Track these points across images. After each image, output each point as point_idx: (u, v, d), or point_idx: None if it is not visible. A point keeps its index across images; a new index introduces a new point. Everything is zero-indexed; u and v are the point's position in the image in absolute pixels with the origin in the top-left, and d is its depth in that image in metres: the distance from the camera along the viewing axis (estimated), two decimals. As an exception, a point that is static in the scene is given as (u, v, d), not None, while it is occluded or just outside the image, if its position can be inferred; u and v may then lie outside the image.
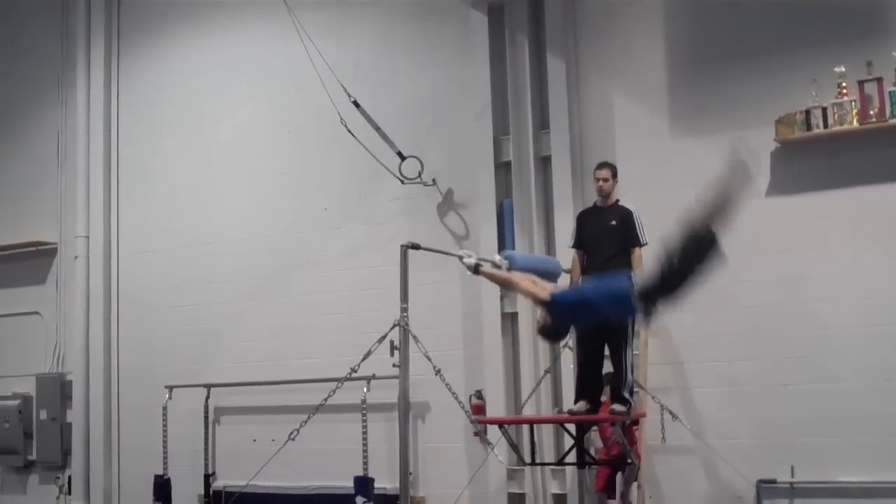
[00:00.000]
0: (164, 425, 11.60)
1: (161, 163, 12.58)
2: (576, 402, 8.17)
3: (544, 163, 10.01)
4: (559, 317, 6.72)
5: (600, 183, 8.40)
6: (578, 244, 8.50)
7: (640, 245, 8.17)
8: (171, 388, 11.66)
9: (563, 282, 8.27)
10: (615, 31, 9.90)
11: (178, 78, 12.56)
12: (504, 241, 9.93)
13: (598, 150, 9.71)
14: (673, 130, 9.53)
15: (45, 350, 13.13)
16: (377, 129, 10.18)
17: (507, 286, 7.59)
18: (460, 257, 7.36)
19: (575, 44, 10.01)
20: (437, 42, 10.82)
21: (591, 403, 8.09)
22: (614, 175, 8.44)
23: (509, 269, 7.46)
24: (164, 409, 11.62)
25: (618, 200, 8.42)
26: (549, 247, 9.82)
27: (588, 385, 8.16)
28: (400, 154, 10.37)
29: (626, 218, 8.24)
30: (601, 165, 8.54)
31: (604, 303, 6.63)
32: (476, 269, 7.23)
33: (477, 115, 10.22)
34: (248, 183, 11.87)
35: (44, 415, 12.93)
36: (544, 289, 6.78)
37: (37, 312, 13.28)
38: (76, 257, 12.73)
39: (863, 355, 8.55)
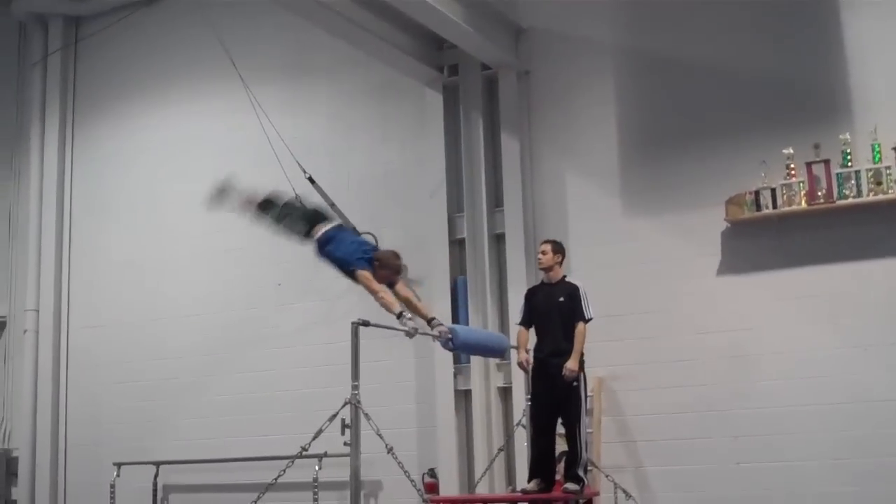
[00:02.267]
0: (112, 503, 11.38)
1: (113, 237, 12.51)
2: (529, 480, 8.12)
3: (498, 240, 10.08)
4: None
5: (539, 256, 8.41)
6: (527, 322, 8.46)
7: (585, 320, 8.13)
8: (119, 465, 11.45)
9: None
10: (568, 112, 10.05)
11: (133, 152, 12.54)
12: (458, 318, 9.95)
13: (551, 228, 9.79)
14: (625, 209, 9.64)
15: (-9, 426, 12.92)
16: (332, 205, 10.20)
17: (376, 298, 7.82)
18: (397, 316, 7.51)
19: (528, 123, 10.15)
20: (392, 120, 10.92)
21: (544, 482, 8.05)
22: (555, 250, 8.36)
23: (450, 344, 7.84)
24: (112, 486, 11.39)
25: (565, 277, 8.43)
26: (503, 323, 9.85)
27: (542, 463, 8.12)
28: (355, 230, 10.37)
29: (572, 294, 8.22)
30: (544, 241, 8.55)
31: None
32: (399, 315, 7.53)
33: (432, 192, 10.30)
34: (201, 258, 11.81)
35: (-12, 492, 12.67)
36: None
37: (-16, 387, 13.07)
38: (25, 331, 12.56)
39: (814, 434, 8.59)
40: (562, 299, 8.23)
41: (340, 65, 11.12)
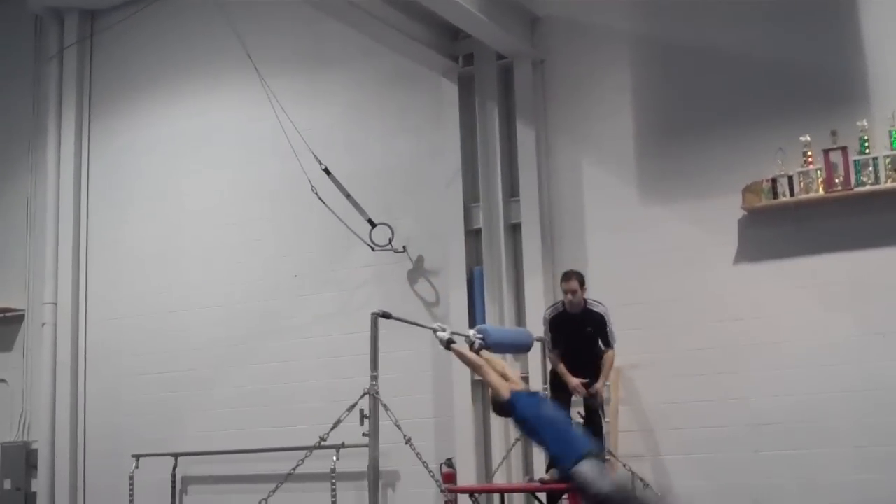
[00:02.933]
0: (131, 495, 11.42)
1: (131, 229, 12.54)
2: (547, 470, 8.15)
3: (514, 230, 10.07)
4: (512, 415, 7.10)
5: (569, 296, 8.42)
6: (561, 348, 8.55)
7: (612, 347, 8.39)
8: (138, 456, 11.51)
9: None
10: (584, 100, 10.02)
11: (149, 144, 12.57)
12: (474, 308, 9.95)
13: (568, 217, 9.81)
14: (641, 198, 9.61)
15: (10, 418, 12.95)
16: (348, 196, 10.22)
17: (474, 370, 7.71)
18: (434, 331, 7.43)
19: (544, 112, 10.13)
20: (408, 111, 10.91)
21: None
22: (581, 284, 8.44)
23: (482, 345, 7.61)
24: (131, 478, 11.45)
25: (587, 302, 8.47)
26: (520, 313, 9.85)
27: None
28: (371, 221, 10.40)
29: (599, 323, 8.39)
30: (567, 276, 8.52)
31: (549, 443, 6.91)
32: (448, 345, 7.40)
33: (447, 182, 10.29)
34: (219, 250, 11.84)
35: (8, 484, 12.70)
36: (508, 387, 7.06)
37: (3, 380, 13.13)
38: (44, 324, 12.61)
39: (833, 421, 8.56)
40: (589, 329, 8.40)
41: (355, 55, 11.12)
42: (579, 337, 8.42)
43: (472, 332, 7.74)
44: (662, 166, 9.55)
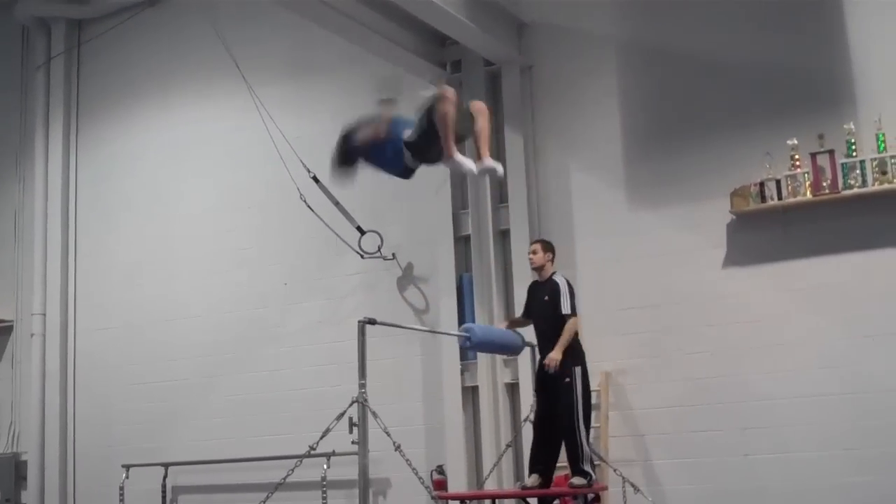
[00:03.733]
0: (121, 505, 11.41)
1: (119, 238, 12.51)
2: (529, 475, 8.18)
3: (503, 236, 10.08)
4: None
5: (529, 256, 8.55)
6: (525, 313, 8.69)
7: (565, 315, 8.17)
8: (128, 467, 11.47)
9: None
10: (572, 106, 10.04)
11: (137, 153, 12.55)
12: (464, 315, 9.95)
13: (556, 223, 9.82)
14: (630, 203, 9.63)
15: (-1, 429, 12.94)
16: (336, 203, 10.22)
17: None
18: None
19: (532, 118, 10.15)
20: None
21: (542, 477, 8.09)
22: (545, 249, 8.49)
23: (468, 340, 7.75)
24: (122, 488, 11.42)
25: (554, 273, 8.47)
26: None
27: (540, 458, 8.16)
28: (359, 228, 10.39)
29: (554, 291, 8.30)
30: (533, 241, 8.75)
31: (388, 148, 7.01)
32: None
33: (436, 189, 10.29)
34: (208, 258, 11.81)
35: (-3, 496, 12.68)
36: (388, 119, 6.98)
37: (-9, 391, 13.09)
38: (32, 335, 12.55)
39: (823, 424, 8.58)
40: (546, 298, 8.32)
41: (343, 63, 11.10)
42: (538, 303, 8.41)
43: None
44: (650, 171, 9.57)
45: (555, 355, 7.99)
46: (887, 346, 8.46)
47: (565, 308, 8.18)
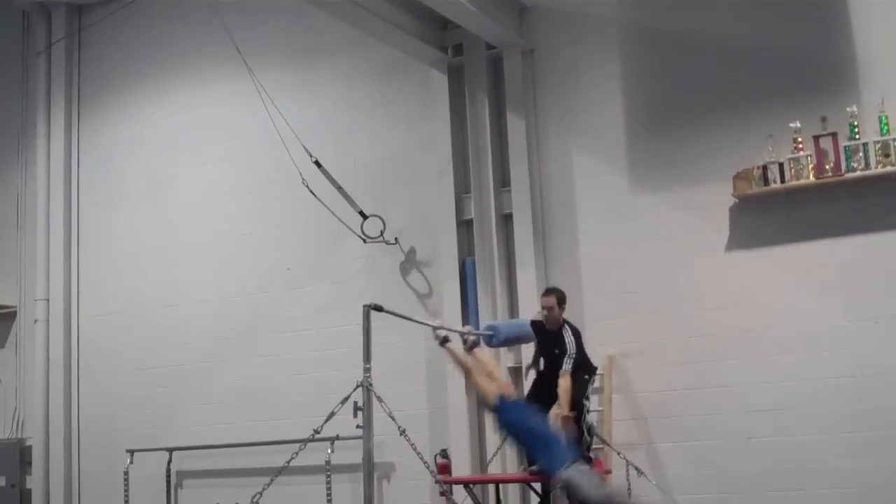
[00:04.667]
0: (126, 490, 11.42)
1: (122, 224, 12.51)
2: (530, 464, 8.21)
3: (506, 220, 10.06)
4: (497, 420, 7.49)
5: (544, 312, 8.36)
6: (536, 354, 8.69)
7: (561, 371, 8.09)
8: (132, 452, 11.51)
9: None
10: (574, 89, 10.01)
11: (140, 139, 12.53)
12: (467, 299, 9.96)
13: (559, 207, 9.82)
14: (632, 186, 9.62)
15: (3, 415, 12.94)
16: (339, 188, 10.21)
17: (464, 371, 8.00)
18: (434, 329, 7.53)
19: (534, 102, 10.12)
20: (398, 102, 10.89)
21: None
22: (559, 302, 8.34)
23: (475, 343, 7.98)
24: (126, 473, 11.45)
25: (564, 324, 8.35)
26: (512, 303, 9.86)
27: None
28: (362, 213, 10.39)
29: (562, 351, 8.17)
30: (546, 292, 8.50)
31: (534, 452, 7.44)
32: (443, 342, 7.77)
33: (438, 173, 10.28)
34: (211, 243, 11.81)
35: (2, 481, 12.68)
36: (494, 392, 7.42)
37: (-5, 377, 13.12)
38: (36, 321, 12.58)
39: (825, 407, 8.59)
40: (557, 352, 8.25)
41: (344, 47, 11.08)
42: (550, 354, 8.36)
43: (466, 328, 7.80)
44: (653, 154, 9.56)
45: (566, 414, 7.89)
46: (890, 329, 8.46)
47: (568, 365, 8.07)
